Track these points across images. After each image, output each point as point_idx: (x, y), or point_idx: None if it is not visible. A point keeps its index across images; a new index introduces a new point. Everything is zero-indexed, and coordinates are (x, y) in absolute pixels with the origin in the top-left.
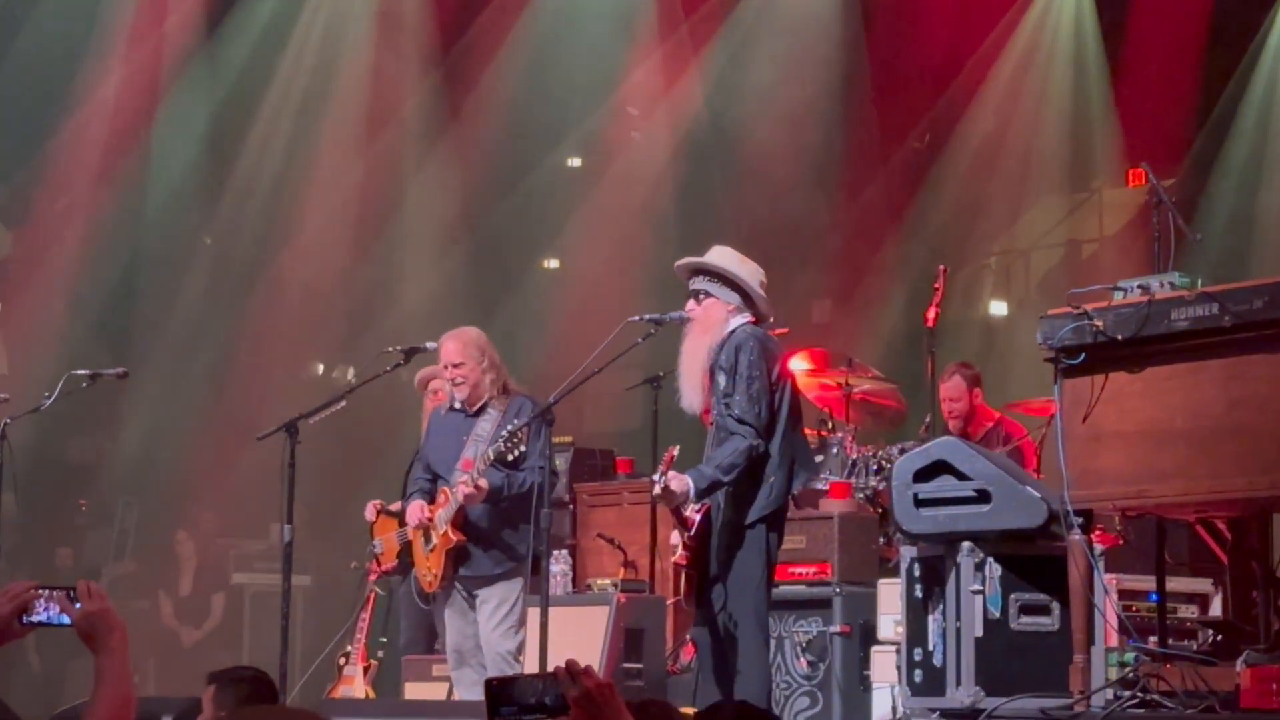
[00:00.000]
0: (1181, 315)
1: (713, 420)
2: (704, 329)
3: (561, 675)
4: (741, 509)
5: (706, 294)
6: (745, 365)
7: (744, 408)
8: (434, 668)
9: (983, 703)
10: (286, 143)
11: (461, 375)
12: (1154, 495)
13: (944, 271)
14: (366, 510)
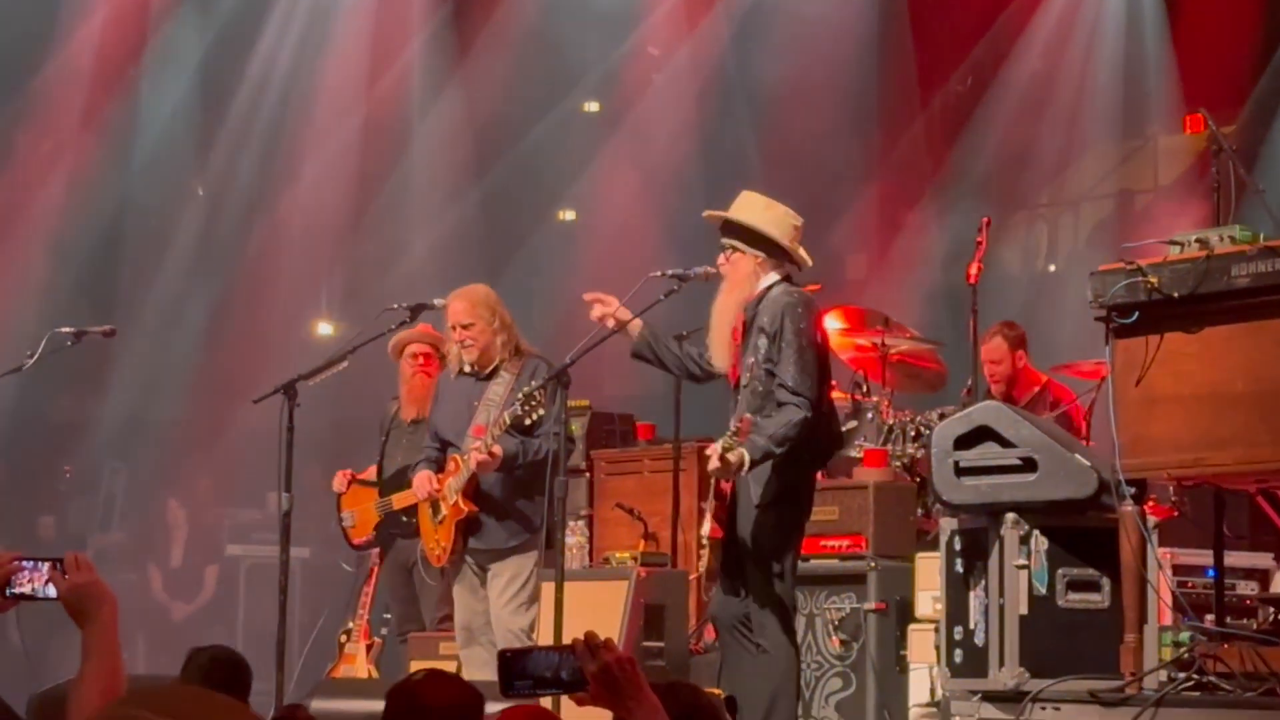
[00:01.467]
0: (1242, 271)
1: (742, 383)
2: (731, 285)
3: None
4: (769, 481)
5: (733, 249)
6: (793, 332)
7: (797, 379)
8: (441, 646)
9: (1028, 685)
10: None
11: (471, 337)
12: (1212, 464)
13: (987, 224)
14: (335, 480)
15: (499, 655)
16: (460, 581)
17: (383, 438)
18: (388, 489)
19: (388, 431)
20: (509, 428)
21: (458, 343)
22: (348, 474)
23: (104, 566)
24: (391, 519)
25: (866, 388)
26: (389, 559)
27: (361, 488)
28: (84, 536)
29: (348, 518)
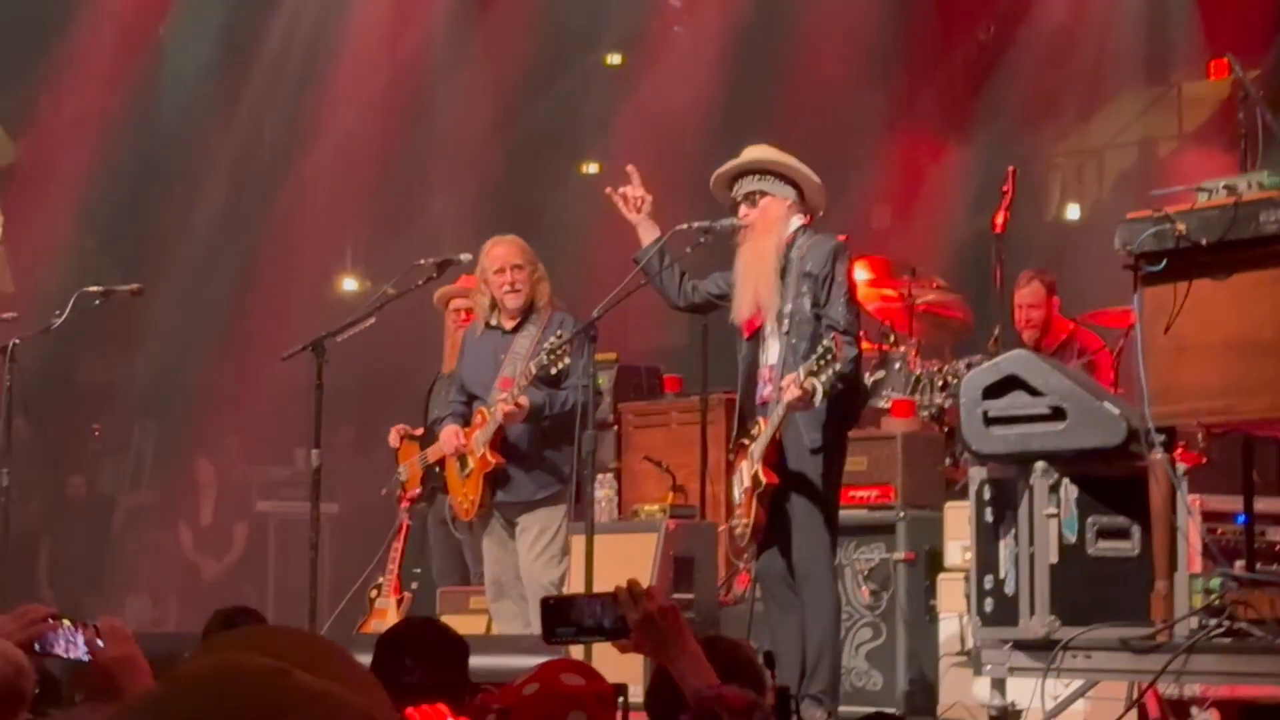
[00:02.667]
0: (1271, 218)
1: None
2: (766, 228)
3: (622, 597)
4: (816, 428)
5: (761, 193)
6: (842, 275)
7: (848, 319)
8: (471, 600)
9: (1058, 633)
10: (307, 42)
11: (522, 280)
12: (1242, 411)
13: (1013, 173)
14: (390, 436)
15: (541, 603)
16: (489, 535)
17: (427, 391)
18: (427, 443)
19: (432, 385)
20: (535, 379)
21: (505, 287)
22: (401, 429)
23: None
24: (430, 473)
25: (893, 338)
26: (432, 512)
27: (412, 443)
28: (114, 495)
29: (402, 472)
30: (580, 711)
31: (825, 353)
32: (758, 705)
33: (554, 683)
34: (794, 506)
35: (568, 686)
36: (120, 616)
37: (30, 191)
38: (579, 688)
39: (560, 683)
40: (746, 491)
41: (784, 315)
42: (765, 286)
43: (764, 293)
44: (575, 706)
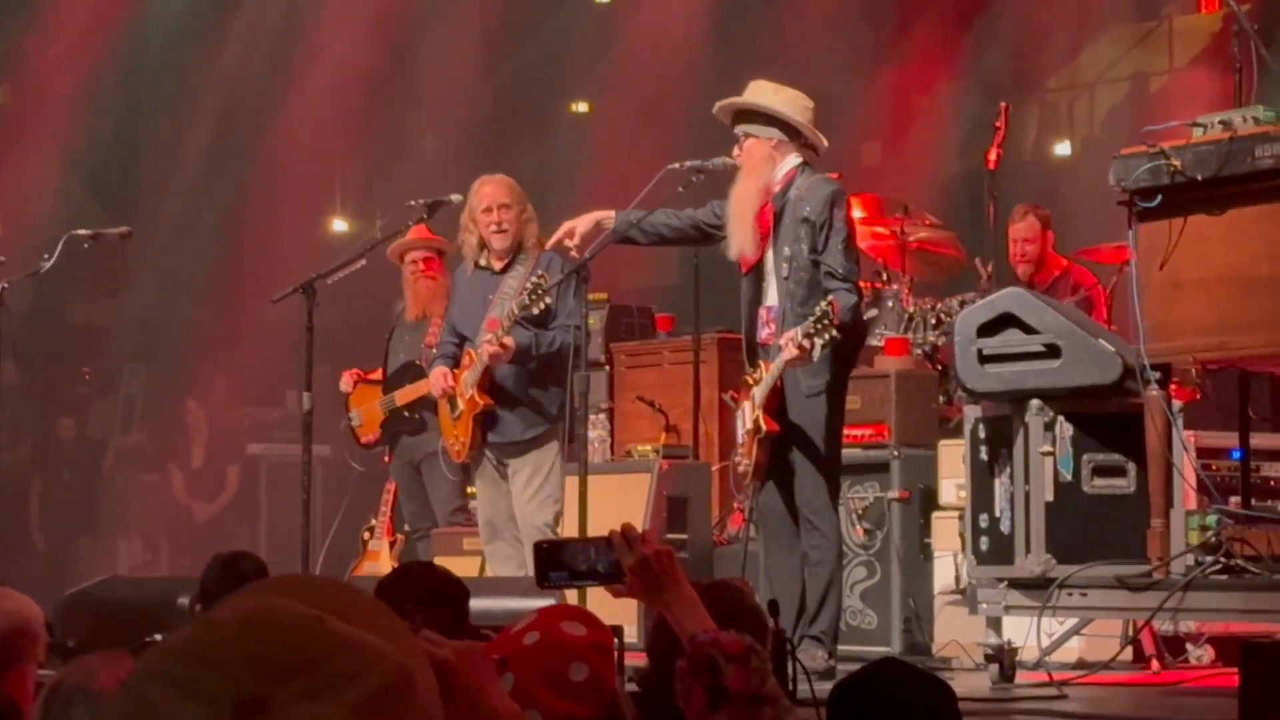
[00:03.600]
0: (1266, 152)
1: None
2: (750, 170)
3: (617, 541)
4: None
5: (747, 135)
6: (841, 221)
7: (847, 266)
8: (465, 542)
9: (1054, 571)
10: None
11: (509, 219)
12: (1237, 347)
13: (1006, 109)
14: (342, 380)
15: (535, 547)
16: (481, 476)
17: (387, 336)
18: (390, 386)
19: (391, 330)
20: (519, 320)
21: (492, 226)
22: (354, 373)
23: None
24: (396, 416)
25: (886, 276)
26: (396, 457)
27: (368, 386)
28: (104, 438)
29: (355, 416)
30: (581, 663)
31: (823, 316)
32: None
33: (554, 632)
34: (796, 451)
35: (569, 636)
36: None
37: (17, 135)
38: (580, 638)
39: (561, 632)
40: (748, 433)
41: (783, 259)
42: (747, 229)
43: (746, 236)
44: (576, 657)
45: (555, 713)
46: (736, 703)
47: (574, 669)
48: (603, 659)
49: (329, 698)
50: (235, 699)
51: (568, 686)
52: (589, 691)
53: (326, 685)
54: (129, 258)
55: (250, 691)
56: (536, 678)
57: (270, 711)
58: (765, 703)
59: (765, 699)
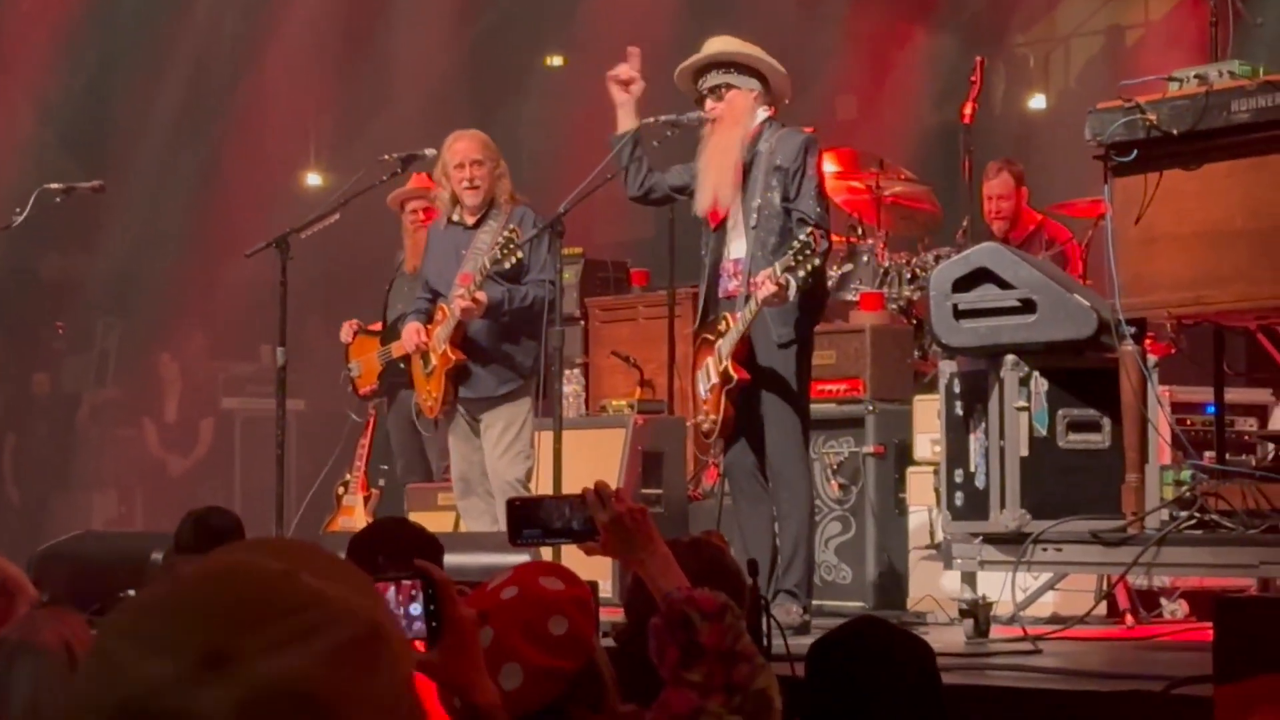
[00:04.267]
0: (1242, 107)
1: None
2: (733, 121)
3: (590, 498)
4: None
5: (727, 86)
6: (812, 169)
7: (819, 213)
8: (439, 497)
9: (1029, 526)
10: None
11: (481, 176)
12: (1213, 301)
13: (981, 63)
14: (342, 331)
15: (508, 504)
16: (454, 431)
17: (387, 287)
18: (388, 338)
19: (391, 280)
20: (491, 274)
21: (464, 182)
22: (354, 324)
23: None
24: (393, 368)
25: (861, 230)
26: (394, 409)
27: (367, 338)
28: (78, 393)
29: (354, 367)
30: (561, 616)
31: (804, 247)
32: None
33: (533, 586)
34: (765, 402)
35: (547, 590)
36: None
37: None
38: (559, 592)
39: (540, 586)
40: (714, 388)
41: (752, 209)
42: (725, 181)
43: (725, 186)
44: (555, 611)
45: (534, 666)
46: (711, 659)
47: (553, 623)
48: (582, 613)
49: (298, 648)
50: (201, 651)
51: (547, 640)
52: (568, 645)
53: (295, 636)
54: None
55: (216, 644)
56: (515, 631)
57: (238, 663)
58: (740, 659)
59: (740, 656)
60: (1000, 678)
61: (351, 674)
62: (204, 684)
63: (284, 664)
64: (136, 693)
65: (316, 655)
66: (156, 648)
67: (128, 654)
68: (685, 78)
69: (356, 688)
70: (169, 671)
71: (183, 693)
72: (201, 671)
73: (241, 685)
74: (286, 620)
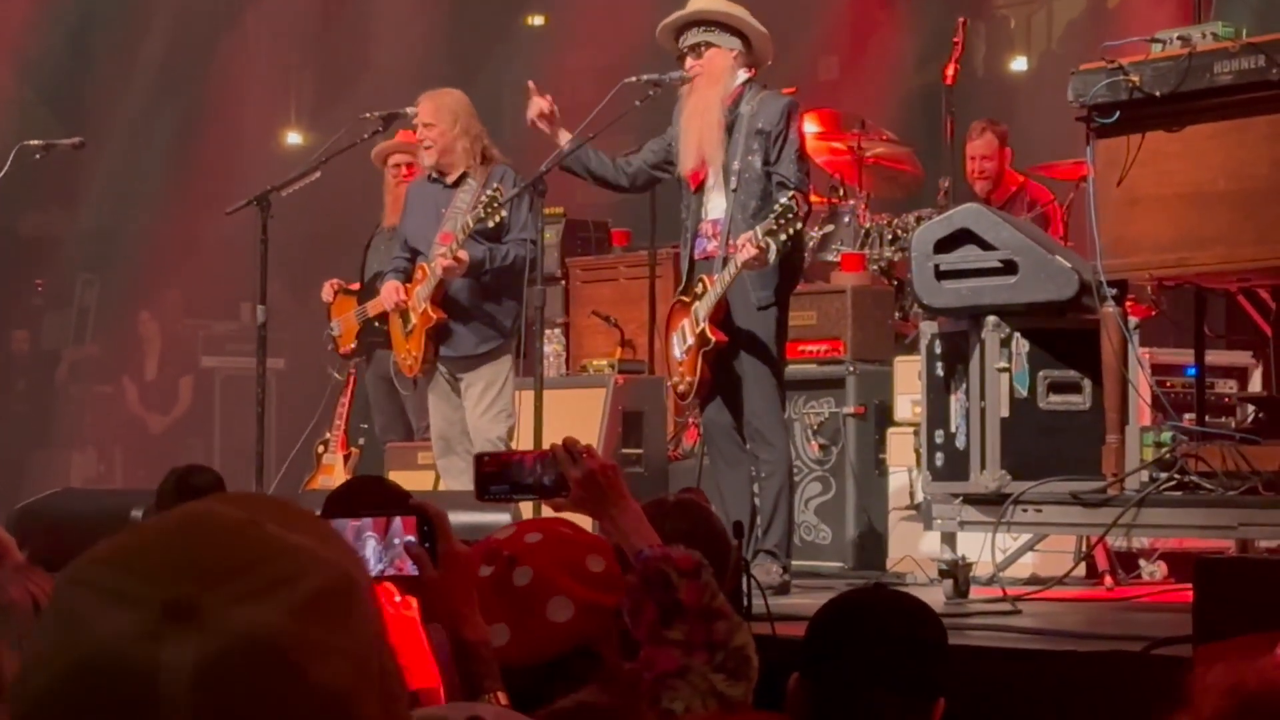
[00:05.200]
0: (1225, 69)
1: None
2: (712, 80)
3: (560, 454)
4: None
5: (707, 45)
6: (795, 132)
7: (799, 176)
8: (419, 456)
9: (1009, 487)
10: None
11: (431, 138)
12: (1194, 263)
13: (964, 24)
14: (323, 290)
15: (475, 460)
16: (434, 390)
17: (365, 244)
18: (364, 296)
19: (371, 238)
20: (473, 233)
21: (424, 142)
22: (335, 283)
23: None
24: (370, 327)
25: (843, 191)
26: (370, 368)
27: (347, 297)
28: (58, 350)
29: (335, 326)
30: (596, 555)
31: (785, 211)
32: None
33: (558, 530)
34: (742, 363)
35: (574, 533)
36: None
37: None
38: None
39: (564, 530)
40: (690, 350)
41: (732, 172)
42: (709, 138)
43: (708, 144)
44: (590, 550)
45: (582, 599)
46: (692, 617)
47: (591, 560)
48: (610, 553)
49: (266, 600)
50: (164, 603)
51: (589, 576)
52: (608, 581)
53: (263, 588)
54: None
55: (179, 595)
56: (556, 567)
57: (203, 615)
58: (718, 616)
59: (718, 613)
60: (979, 638)
61: (321, 626)
62: (167, 637)
63: (251, 616)
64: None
65: (285, 607)
66: (117, 599)
67: (87, 606)
68: (667, 35)
69: (326, 640)
70: (131, 623)
71: (146, 645)
72: (165, 624)
73: (207, 638)
74: (253, 571)
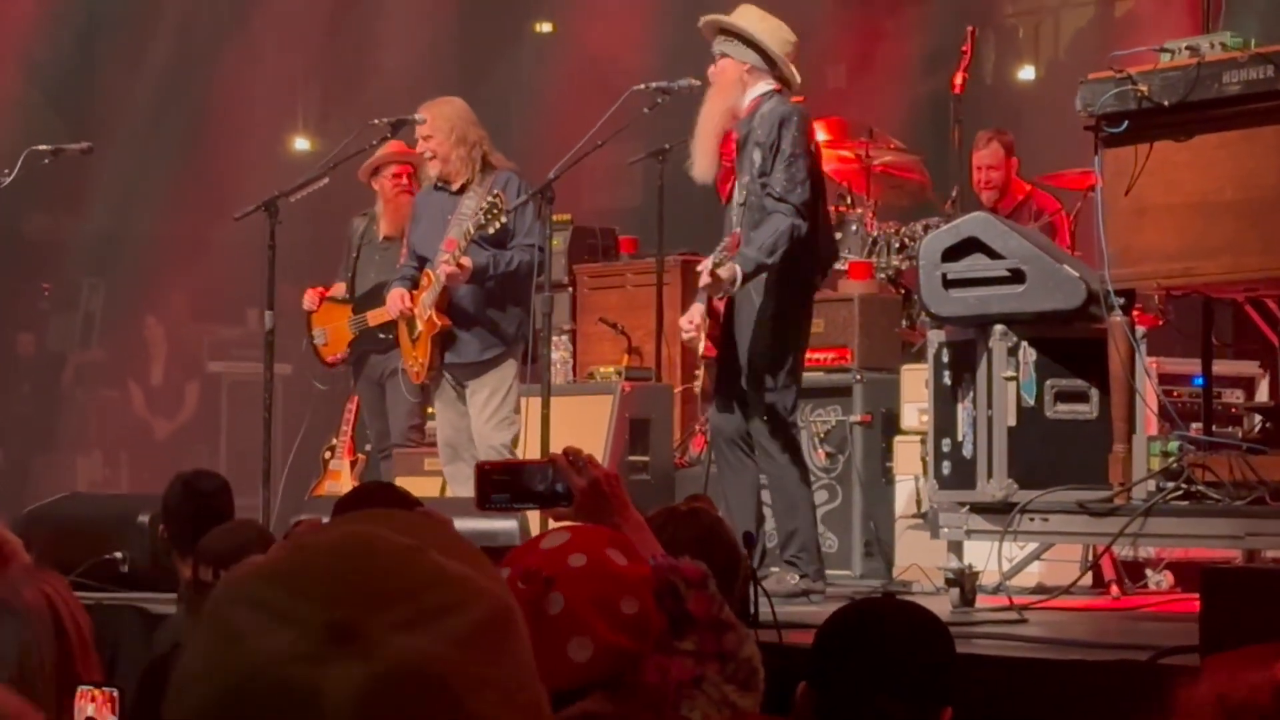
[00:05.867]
0: (1233, 78)
1: (740, 199)
2: (717, 90)
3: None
4: (769, 294)
5: (723, 54)
6: (790, 142)
7: (785, 187)
8: (426, 462)
9: (1016, 496)
10: None
11: (430, 149)
12: (1202, 273)
13: (972, 33)
14: (305, 298)
15: (476, 468)
16: (440, 397)
17: (353, 254)
18: (362, 306)
19: (359, 248)
20: (476, 239)
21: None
22: (318, 291)
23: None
24: (366, 336)
25: (850, 199)
26: (363, 376)
27: (333, 305)
28: (64, 353)
29: (319, 335)
30: (633, 597)
31: (724, 247)
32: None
33: (602, 557)
34: (746, 373)
35: (617, 566)
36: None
37: None
38: (628, 569)
39: (609, 559)
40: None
41: (742, 186)
42: (706, 148)
43: (703, 155)
44: (628, 591)
45: (605, 642)
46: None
47: (625, 602)
48: (648, 595)
49: (428, 629)
50: (328, 625)
51: (619, 618)
52: (637, 627)
53: (425, 616)
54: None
55: (344, 617)
56: (588, 604)
57: (366, 639)
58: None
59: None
60: (986, 647)
61: (480, 657)
62: (331, 659)
63: (414, 643)
64: (260, 664)
65: (447, 636)
66: (280, 617)
67: (250, 623)
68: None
69: (484, 671)
70: (293, 644)
71: (309, 666)
72: (328, 646)
73: (371, 663)
74: (417, 598)
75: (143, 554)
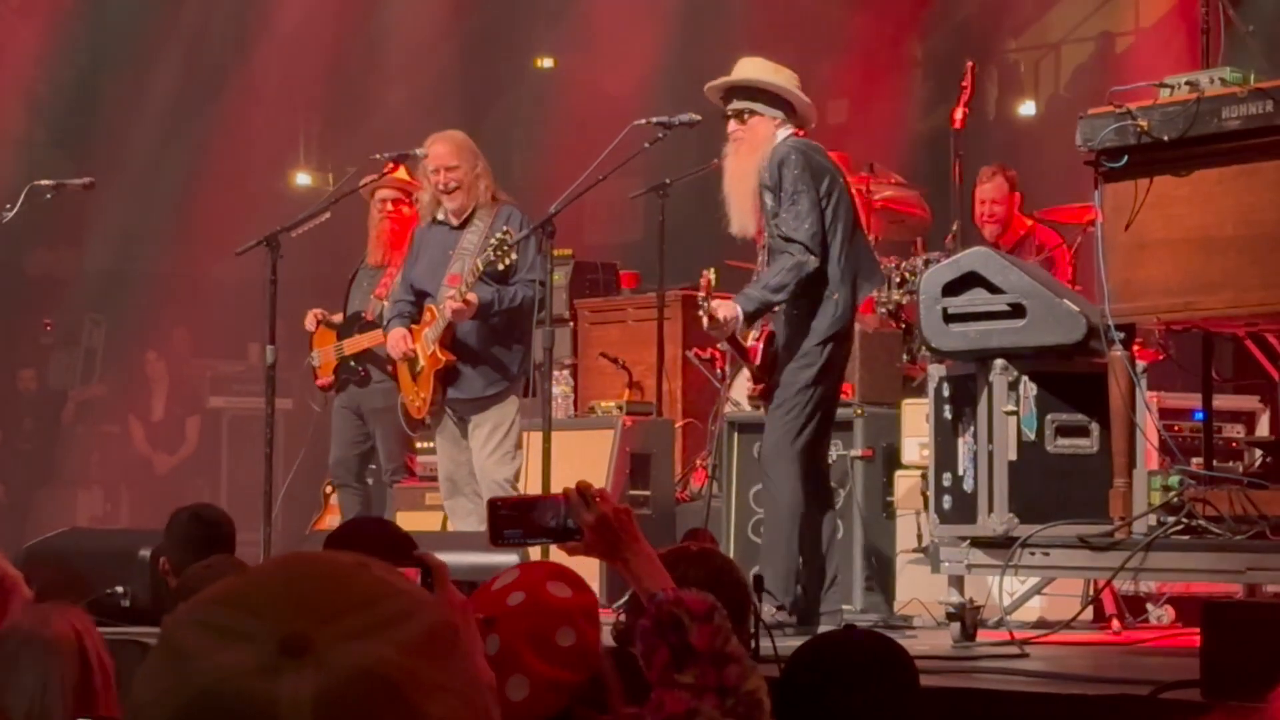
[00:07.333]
0: (1233, 114)
1: (764, 243)
2: (751, 148)
3: (573, 498)
4: (804, 330)
5: (751, 112)
6: (790, 180)
7: (791, 225)
8: (426, 497)
9: (1017, 530)
10: None
11: (456, 179)
12: (1202, 308)
13: (972, 68)
14: (307, 319)
15: (488, 504)
16: (442, 433)
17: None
18: (344, 333)
19: (355, 271)
20: (483, 275)
21: (440, 186)
22: (318, 314)
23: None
24: (344, 365)
25: None
26: (337, 403)
27: (328, 329)
28: (65, 389)
29: (315, 357)
30: (569, 628)
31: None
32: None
33: (541, 593)
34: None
35: (555, 599)
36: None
37: None
38: (566, 600)
39: (547, 593)
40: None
41: (766, 230)
42: (746, 207)
43: (744, 214)
44: (563, 622)
45: (540, 678)
46: (703, 661)
47: (561, 634)
48: (589, 624)
49: (379, 636)
50: (280, 639)
51: (554, 651)
52: (575, 657)
53: (376, 625)
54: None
55: (295, 631)
56: (523, 641)
57: (318, 650)
58: (730, 660)
59: (730, 657)
60: (987, 681)
61: (431, 663)
62: (285, 670)
63: (366, 650)
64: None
65: (398, 643)
66: (233, 636)
67: (202, 644)
68: (714, 91)
69: (436, 676)
70: (248, 659)
71: (264, 680)
72: (282, 658)
73: (324, 670)
74: (366, 609)
75: (144, 589)
